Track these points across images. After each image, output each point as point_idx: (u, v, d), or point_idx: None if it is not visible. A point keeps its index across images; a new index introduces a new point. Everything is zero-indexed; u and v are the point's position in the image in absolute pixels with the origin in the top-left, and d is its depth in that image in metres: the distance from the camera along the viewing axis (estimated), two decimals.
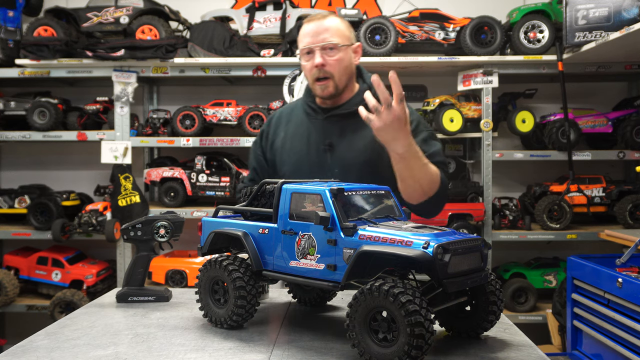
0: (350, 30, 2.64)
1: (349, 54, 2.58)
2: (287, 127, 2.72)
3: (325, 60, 2.51)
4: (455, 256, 1.42)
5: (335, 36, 2.52)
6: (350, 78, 2.62)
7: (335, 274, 1.53)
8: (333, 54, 2.52)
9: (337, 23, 2.57)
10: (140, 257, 2.16)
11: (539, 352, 1.59)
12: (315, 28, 2.54)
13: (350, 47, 2.59)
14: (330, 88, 2.55)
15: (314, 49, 2.51)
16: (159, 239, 2.14)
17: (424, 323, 1.33)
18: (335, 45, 2.50)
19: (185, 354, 1.56)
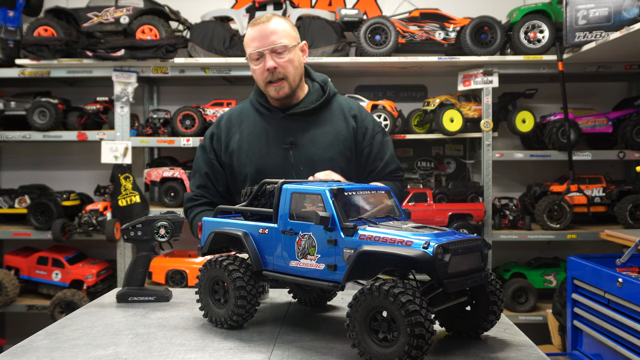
0: (295, 30, 2.65)
1: (298, 54, 2.59)
2: (240, 129, 2.67)
3: (276, 63, 2.51)
4: (455, 256, 1.42)
5: (284, 37, 2.52)
6: (301, 77, 2.65)
7: (336, 274, 1.53)
8: (283, 56, 2.52)
9: (283, 24, 2.56)
10: (140, 257, 2.16)
11: (539, 352, 1.59)
12: (262, 32, 2.53)
13: (297, 46, 2.60)
14: (286, 89, 2.55)
15: (263, 52, 2.51)
16: (159, 239, 2.14)
17: (424, 323, 1.33)
18: (284, 47, 2.51)
19: (186, 354, 1.56)
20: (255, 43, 2.53)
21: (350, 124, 2.63)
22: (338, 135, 2.60)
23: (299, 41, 2.64)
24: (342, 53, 4.35)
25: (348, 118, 2.64)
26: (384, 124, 4.25)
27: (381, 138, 2.68)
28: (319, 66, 4.33)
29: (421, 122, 4.50)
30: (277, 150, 2.57)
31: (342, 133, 2.61)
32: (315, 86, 2.70)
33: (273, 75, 2.52)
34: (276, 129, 2.61)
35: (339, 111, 2.66)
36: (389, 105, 4.36)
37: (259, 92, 2.69)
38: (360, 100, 4.46)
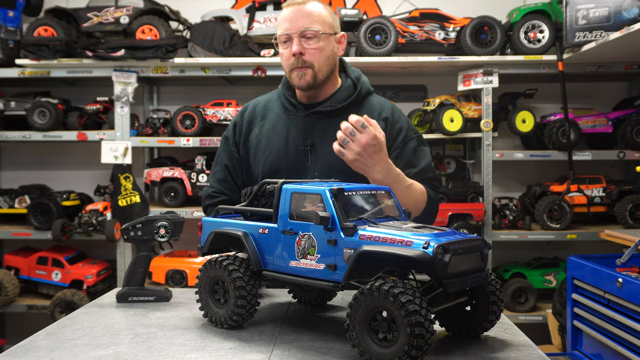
0: (334, 19, 2.41)
1: (332, 44, 2.36)
2: (262, 122, 2.48)
3: (303, 49, 2.29)
4: (455, 256, 1.42)
5: (317, 23, 2.30)
6: (333, 70, 2.41)
7: (336, 274, 1.53)
8: (313, 42, 2.30)
9: (320, 9, 2.34)
10: (140, 257, 2.15)
11: (539, 352, 1.59)
12: (295, 13, 2.31)
13: (333, 36, 2.37)
14: (308, 77, 2.32)
15: (292, 35, 2.29)
16: (159, 239, 2.14)
17: (424, 323, 1.33)
18: (315, 33, 2.29)
19: (186, 354, 1.56)
20: (285, 24, 2.32)
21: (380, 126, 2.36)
22: None
23: (337, 31, 2.40)
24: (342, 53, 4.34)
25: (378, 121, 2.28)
26: None
27: (415, 145, 2.41)
28: None
29: (421, 122, 4.50)
30: (295, 152, 2.37)
31: None
32: (348, 82, 2.45)
33: (298, 61, 2.30)
34: (298, 128, 2.39)
35: (369, 112, 2.36)
36: None
37: (286, 84, 2.49)
38: None
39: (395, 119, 2.42)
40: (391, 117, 2.41)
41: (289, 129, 2.40)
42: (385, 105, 2.45)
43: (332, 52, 2.37)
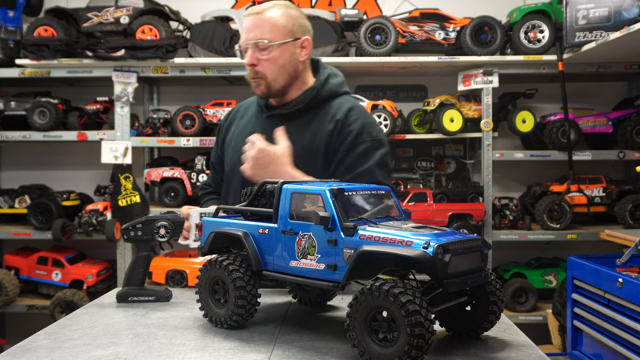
0: (297, 23, 2.39)
1: (288, 52, 2.35)
2: (239, 123, 2.56)
3: (255, 60, 2.32)
4: (455, 256, 1.42)
5: (269, 33, 2.31)
6: (293, 76, 2.40)
7: (336, 274, 1.53)
8: (265, 53, 2.31)
9: (275, 17, 2.33)
10: (140, 257, 2.15)
11: (539, 352, 1.59)
12: (250, 23, 2.34)
13: (292, 42, 2.36)
14: (262, 87, 2.37)
15: (246, 46, 2.34)
16: (159, 239, 2.14)
17: (424, 323, 1.33)
18: (265, 45, 2.30)
19: (186, 354, 1.56)
20: (243, 35, 2.37)
21: (328, 128, 2.37)
22: (312, 142, 2.37)
23: (299, 36, 2.38)
24: (342, 53, 4.35)
25: (331, 122, 2.37)
26: (384, 124, 4.25)
27: (364, 149, 2.36)
28: None
29: (421, 122, 4.50)
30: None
31: (317, 139, 2.37)
32: (314, 85, 2.45)
33: (252, 72, 2.36)
34: (259, 129, 2.43)
35: (324, 115, 2.40)
36: (389, 105, 4.36)
37: None
38: (360, 100, 4.46)
39: (348, 122, 2.38)
40: (344, 120, 2.38)
41: (254, 131, 2.43)
42: (343, 109, 2.41)
43: (288, 60, 2.36)
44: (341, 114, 2.38)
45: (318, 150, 2.35)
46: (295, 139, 2.33)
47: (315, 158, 2.35)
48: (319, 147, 2.35)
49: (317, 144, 2.35)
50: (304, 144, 2.35)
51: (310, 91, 2.42)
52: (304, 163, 2.31)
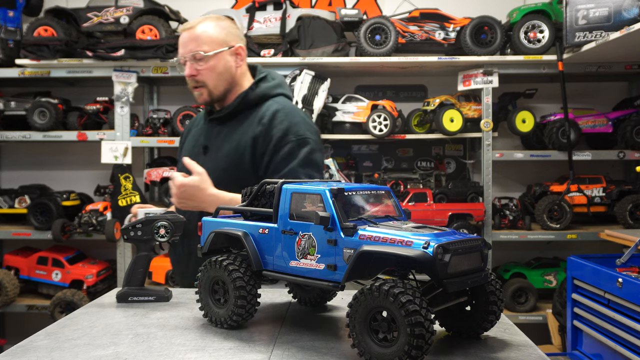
0: (230, 33, 2.58)
1: (224, 59, 2.54)
2: (193, 132, 2.75)
3: (194, 71, 2.51)
4: (455, 256, 1.42)
5: (205, 44, 2.50)
6: (231, 82, 2.58)
7: (336, 274, 1.53)
8: (203, 63, 2.50)
9: (208, 29, 2.53)
10: (140, 257, 2.15)
11: (539, 352, 1.59)
12: (185, 38, 2.54)
13: (227, 51, 2.54)
14: (205, 95, 2.55)
15: (184, 59, 2.53)
16: (159, 239, 2.14)
17: (424, 323, 1.33)
18: (202, 56, 2.49)
19: (186, 354, 1.56)
20: (180, 49, 2.57)
21: (255, 131, 2.48)
22: (239, 144, 2.48)
23: (232, 44, 2.56)
24: (342, 53, 4.35)
25: (258, 125, 2.48)
26: (384, 124, 4.26)
27: (289, 149, 2.43)
28: (319, 66, 4.34)
29: (421, 122, 4.50)
30: (196, 155, 2.57)
31: (244, 141, 2.48)
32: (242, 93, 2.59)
33: (193, 82, 2.54)
34: (202, 133, 2.65)
35: (252, 118, 2.53)
36: (389, 105, 4.37)
37: None
38: (360, 100, 4.46)
39: (274, 125, 2.46)
40: (269, 123, 2.47)
41: (199, 138, 2.66)
42: (269, 111, 2.50)
43: (224, 67, 2.54)
44: (267, 116, 2.49)
45: (245, 152, 2.46)
46: (227, 140, 2.52)
47: (242, 159, 2.47)
48: (245, 148, 2.47)
49: (243, 146, 2.47)
50: (233, 145, 2.50)
51: (241, 95, 2.57)
52: (233, 164, 2.47)
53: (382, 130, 4.27)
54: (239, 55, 2.59)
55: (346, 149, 5.02)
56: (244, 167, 2.47)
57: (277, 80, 2.66)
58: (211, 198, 2.33)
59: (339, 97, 4.53)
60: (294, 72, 4.30)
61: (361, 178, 4.69)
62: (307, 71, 4.24)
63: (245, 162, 2.47)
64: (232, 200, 2.35)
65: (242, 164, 2.47)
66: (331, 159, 4.28)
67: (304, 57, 4.27)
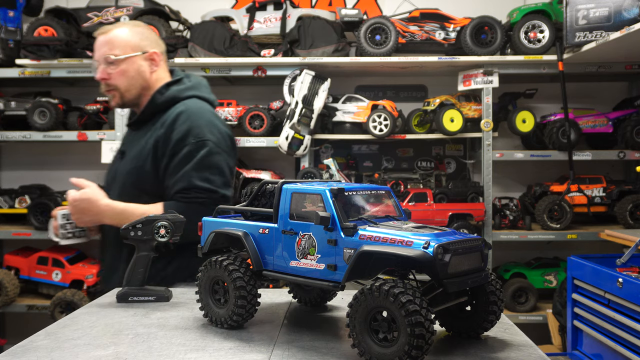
0: (145, 38, 2.62)
1: (137, 64, 2.58)
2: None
3: (105, 74, 2.55)
4: (455, 256, 1.42)
5: (117, 48, 2.54)
6: (145, 87, 2.61)
7: (336, 274, 1.53)
8: (114, 67, 2.54)
9: (122, 34, 2.57)
10: (140, 257, 2.15)
11: (539, 352, 1.59)
12: (99, 43, 2.58)
13: (140, 55, 2.58)
14: (117, 98, 2.60)
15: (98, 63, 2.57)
16: (159, 239, 2.14)
17: (424, 323, 1.33)
18: (113, 60, 2.53)
19: (186, 354, 1.56)
20: (94, 53, 2.60)
21: (157, 134, 2.50)
22: (144, 147, 2.51)
23: (147, 49, 2.61)
24: (342, 53, 4.35)
25: (162, 127, 2.51)
26: (384, 124, 4.25)
27: (187, 152, 2.43)
28: (319, 66, 4.34)
29: (421, 122, 4.50)
30: (115, 161, 2.69)
31: (149, 144, 2.51)
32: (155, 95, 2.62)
33: (104, 85, 2.59)
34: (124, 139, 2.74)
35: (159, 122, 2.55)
36: (389, 105, 4.37)
37: None
38: (360, 100, 4.46)
39: (174, 127, 2.48)
40: (171, 125, 2.49)
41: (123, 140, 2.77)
42: (173, 114, 2.52)
43: (137, 71, 2.59)
44: (170, 119, 2.51)
45: (148, 155, 2.49)
46: (136, 145, 2.57)
47: (145, 163, 2.50)
48: (149, 151, 2.49)
49: (147, 150, 2.50)
50: (138, 149, 2.53)
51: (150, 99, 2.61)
52: (136, 168, 2.50)
53: (382, 130, 4.27)
54: (153, 61, 2.62)
55: (346, 149, 5.02)
56: (146, 170, 2.49)
57: (192, 83, 2.69)
58: (105, 209, 2.39)
59: (339, 97, 4.53)
60: (294, 72, 4.30)
61: (361, 178, 4.69)
62: (307, 71, 4.25)
63: (147, 166, 2.48)
64: (125, 210, 2.39)
65: (144, 167, 2.49)
66: (331, 159, 4.28)
67: (304, 57, 4.28)
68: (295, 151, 4.26)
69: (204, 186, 2.42)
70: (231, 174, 2.59)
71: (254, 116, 4.35)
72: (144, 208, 2.39)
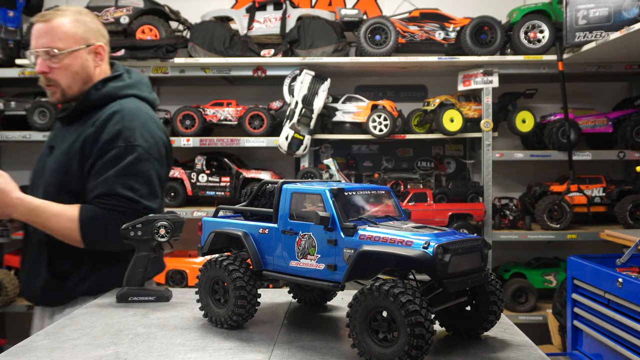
0: (88, 30, 2.39)
1: (81, 58, 2.36)
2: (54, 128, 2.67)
3: (46, 68, 2.32)
4: (455, 256, 1.42)
5: (60, 41, 2.30)
6: (88, 82, 2.40)
7: (336, 274, 1.53)
8: (56, 61, 2.31)
9: (66, 24, 2.32)
10: (140, 257, 2.15)
11: (539, 352, 1.59)
12: (38, 31, 2.32)
13: (84, 49, 2.36)
14: (58, 95, 2.39)
15: (37, 54, 2.33)
16: (159, 239, 2.14)
17: (424, 323, 1.33)
18: (55, 53, 2.30)
19: (186, 354, 1.56)
20: (32, 41, 2.35)
21: (87, 132, 2.33)
22: (73, 145, 2.34)
23: (91, 42, 2.38)
24: (342, 53, 4.35)
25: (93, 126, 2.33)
26: (384, 124, 4.25)
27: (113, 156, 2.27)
28: (319, 66, 4.34)
29: (421, 122, 4.50)
30: (43, 156, 2.48)
31: (77, 143, 2.33)
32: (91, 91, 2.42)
33: (44, 80, 2.36)
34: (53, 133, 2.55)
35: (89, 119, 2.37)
36: (389, 105, 4.37)
37: None
38: (360, 100, 4.47)
39: (105, 128, 2.31)
40: (102, 125, 2.31)
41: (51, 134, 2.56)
42: (107, 112, 2.35)
43: (80, 67, 2.37)
44: (102, 118, 2.32)
45: (75, 154, 2.31)
46: (65, 141, 2.37)
47: (71, 161, 2.32)
48: (77, 150, 2.31)
49: (75, 148, 2.32)
50: (67, 146, 2.34)
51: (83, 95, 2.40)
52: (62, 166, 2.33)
53: (382, 130, 4.27)
54: (98, 55, 2.42)
55: (346, 149, 5.02)
56: (72, 170, 2.32)
57: (132, 80, 2.48)
58: (17, 202, 2.21)
59: (339, 97, 4.53)
60: (294, 72, 4.30)
61: (361, 178, 4.69)
62: (307, 71, 4.25)
63: (73, 165, 2.32)
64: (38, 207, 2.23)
65: (70, 166, 2.32)
66: (331, 159, 4.28)
67: (304, 57, 4.28)
68: (295, 151, 4.26)
69: (126, 194, 2.26)
70: (160, 184, 2.41)
71: (254, 116, 4.35)
72: (58, 208, 2.24)
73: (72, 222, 2.25)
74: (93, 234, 2.26)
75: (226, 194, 4.41)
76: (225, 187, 4.41)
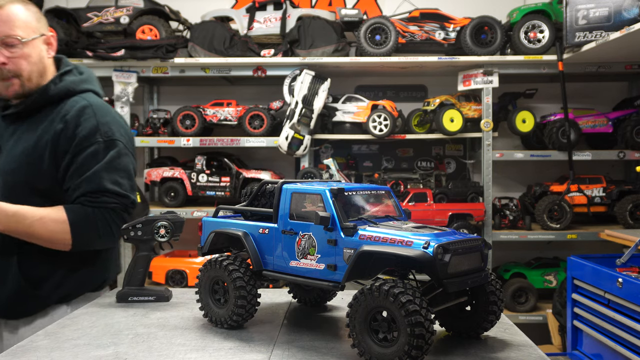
0: (40, 19, 2.30)
1: (38, 48, 2.26)
2: None
3: (4, 58, 2.19)
4: (455, 256, 1.42)
5: (19, 29, 2.18)
6: (42, 75, 2.30)
7: (336, 274, 1.53)
8: (16, 50, 2.19)
9: (22, 12, 2.22)
10: (140, 257, 2.15)
11: (539, 352, 1.59)
12: None
13: (39, 39, 2.27)
14: (16, 87, 2.25)
15: None
16: (159, 239, 2.14)
17: (424, 323, 1.33)
18: (17, 42, 2.19)
19: (186, 354, 1.56)
20: None
21: (56, 128, 2.21)
22: (39, 142, 2.21)
23: (44, 32, 2.29)
24: (342, 53, 4.35)
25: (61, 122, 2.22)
26: (384, 124, 4.25)
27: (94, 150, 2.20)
28: (319, 66, 4.34)
29: (421, 122, 4.50)
30: None
31: (44, 139, 2.21)
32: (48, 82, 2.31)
33: (3, 71, 2.21)
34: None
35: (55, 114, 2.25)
36: (389, 105, 4.37)
37: None
38: (360, 100, 4.47)
39: (79, 123, 2.21)
40: (74, 120, 2.22)
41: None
42: (75, 107, 2.26)
43: (39, 57, 2.28)
44: (72, 114, 2.23)
45: (44, 151, 2.20)
46: (23, 139, 2.24)
47: (40, 159, 2.20)
48: (45, 147, 2.20)
49: (43, 145, 2.21)
50: (31, 144, 2.22)
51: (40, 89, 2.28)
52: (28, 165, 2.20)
53: (382, 130, 4.27)
54: (50, 45, 2.34)
55: (346, 149, 5.02)
56: (42, 169, 2.20)
57: (85, 75, 2.40)
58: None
59: (339, 97, 4.53)
60: (294, 72, 4.30)
61: (361, 178, 4.69)
62: (307, 71, 4.25)
63: (43, 164, 2.19)
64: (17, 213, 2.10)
65: (39, 165, 2.19)
66: (331, 159, 4.28)
67: (304, 57, 4.28)
68: (295, 151, 4.26)
69: (114, 190, 2.20)
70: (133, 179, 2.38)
71: (254, 116, 4.35)
72: (40, 212, 2.13)
73: (59, 224, 2.14)
74: (85, 234, 2.19)
75: (226, 194, 4.41)
76: (225, 187, 4.41)
